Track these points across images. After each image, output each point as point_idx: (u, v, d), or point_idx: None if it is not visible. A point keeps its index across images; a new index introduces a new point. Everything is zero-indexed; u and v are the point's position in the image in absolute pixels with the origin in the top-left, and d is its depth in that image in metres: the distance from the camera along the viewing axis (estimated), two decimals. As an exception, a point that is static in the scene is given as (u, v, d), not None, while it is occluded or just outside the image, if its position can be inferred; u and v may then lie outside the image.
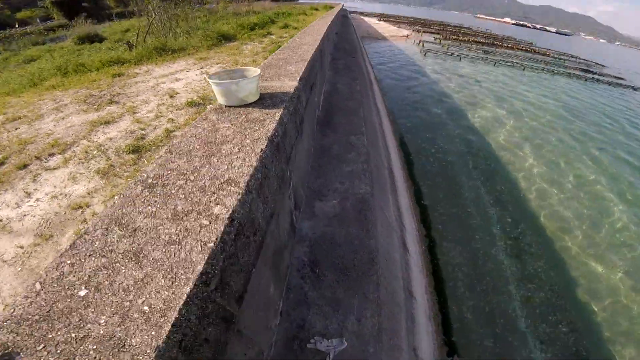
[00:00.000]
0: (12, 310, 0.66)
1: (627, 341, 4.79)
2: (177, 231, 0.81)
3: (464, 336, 4.38)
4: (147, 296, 0.67)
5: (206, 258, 0.75)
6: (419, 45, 24.80)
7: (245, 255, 0.97)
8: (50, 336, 0.59)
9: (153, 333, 0.61)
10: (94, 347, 0.59)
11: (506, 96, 15.21)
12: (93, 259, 0.75)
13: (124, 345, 0.59)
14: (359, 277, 2.46)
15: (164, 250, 0.76)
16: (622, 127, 13.98)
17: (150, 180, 0.99)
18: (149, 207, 0.88)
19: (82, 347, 0.59)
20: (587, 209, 7.67)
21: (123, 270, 0.71)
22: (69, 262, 0.73)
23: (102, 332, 0.61)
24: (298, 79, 2.08)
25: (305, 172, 3.05)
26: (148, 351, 0.59)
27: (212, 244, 0.78)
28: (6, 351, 0.60)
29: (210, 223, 0.84)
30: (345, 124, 3.85)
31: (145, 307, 0.65)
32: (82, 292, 0.67)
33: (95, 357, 0.59)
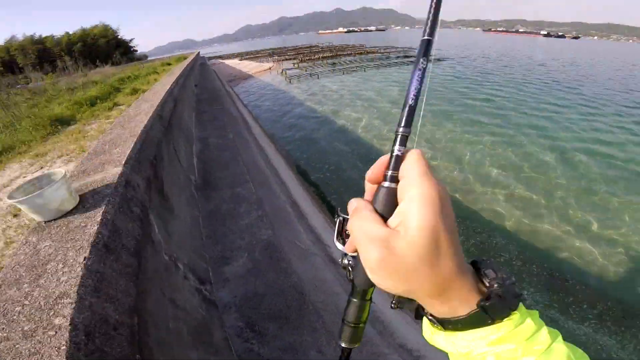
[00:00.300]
0: None
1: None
2: (33, 345, 0.95)
3: None
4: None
5: (65, 358, 0.91)
6: (282, 74, 26.51)
7: (116, 348, 1.12)
8: None
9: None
10: None
11: (359, 96, 17.66)
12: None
13: None
14: (297, 313, 2.46)
15: (29, 360, 0.94)
16: (444, 91, 17.99)
17: (-11, 313, 1.10)
18: (0, 334, 1.00)
19: None
20: (456, 154, 9.43)
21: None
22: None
23: None
24: (124, 162, 1.98)
25: (199, 245, 2.76)
26: None
27: (64, 347, 0.94)
28: None
29: (56, 333, 0.98)
30: (227, 178, 3.68)
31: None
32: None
33: None
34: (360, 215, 0.31)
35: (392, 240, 0.27)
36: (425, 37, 0.38)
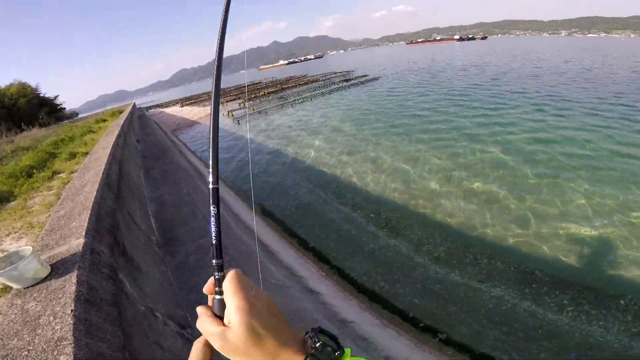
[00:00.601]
0: None
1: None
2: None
3: (446, 324, 4.66)
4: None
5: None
6: (229, 116, 26.23)
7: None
8: None
9: None
10: None
11: (307, 126, 18.43)
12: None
13: None
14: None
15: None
16: (380, 110, 19.27)
17: (3, 360, 1.29)
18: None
19: None
20: (405, 169, 10.17)
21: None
22: None
23: None
24: (84, 234, 2.21)
25: (173, 295, 2.89)
26: None
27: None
28: None
29: (65, 367, 1.22)
30: (189, 233, 3.84)
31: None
32: None
33: None
34: (201, 319, 0.46)
35: (226, 333, 0.41)
36: (212, 186, 0.48)
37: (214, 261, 0.48)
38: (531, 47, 68.38)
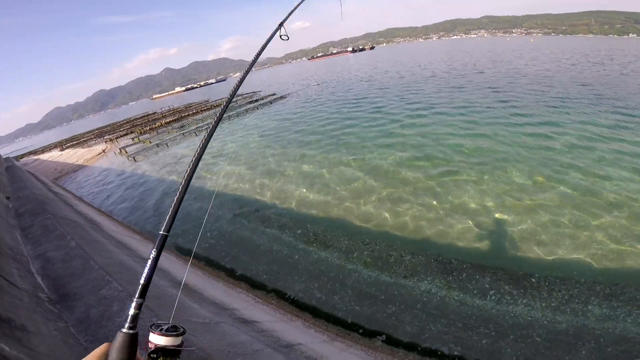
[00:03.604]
0: None
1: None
2: None
3: (389, 326, 4.84)
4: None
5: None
6: (122, 153, 24.28)
7: None
8: None
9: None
10: None
11: (217, 150, 18.20)
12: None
13: None
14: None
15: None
16: (292, 125, 20.30)
17: None
18: None
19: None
20: (316, 181, 10.81)
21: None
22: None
23: None
24: None
25: (82, 349, 2.80)
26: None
27: None
28: None
29: None
30: (85, 285, 3.65)
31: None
32: None
33: None
34: None
35: None
36: (163, 232, 0.56)
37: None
38: (416, 53, 79.22)
